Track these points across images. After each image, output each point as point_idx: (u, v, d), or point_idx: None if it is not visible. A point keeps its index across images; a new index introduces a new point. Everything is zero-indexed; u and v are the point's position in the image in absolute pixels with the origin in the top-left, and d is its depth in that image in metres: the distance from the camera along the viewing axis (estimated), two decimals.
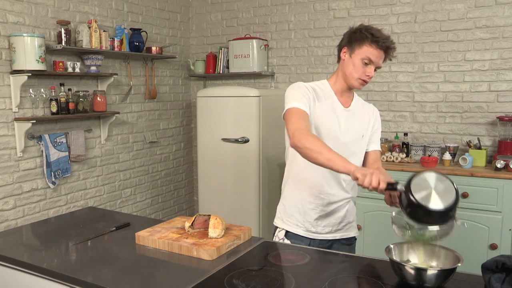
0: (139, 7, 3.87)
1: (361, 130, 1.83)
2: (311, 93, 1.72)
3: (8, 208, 2.91)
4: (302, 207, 1.79)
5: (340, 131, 1.75)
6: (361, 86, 1.74)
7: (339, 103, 1.78)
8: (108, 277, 1.42)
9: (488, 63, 3.19)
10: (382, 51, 1.67)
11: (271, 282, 1.35)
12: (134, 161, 3.90)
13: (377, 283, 1.33)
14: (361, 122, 1.84)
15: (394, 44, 1.70)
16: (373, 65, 1.69)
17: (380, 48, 1.66)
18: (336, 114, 1.76)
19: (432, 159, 3.04)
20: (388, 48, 1.67)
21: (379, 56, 1.68)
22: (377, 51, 1.66)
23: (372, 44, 1.66)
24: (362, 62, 1.68)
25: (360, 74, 1.70)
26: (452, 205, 1.23)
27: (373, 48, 1.66)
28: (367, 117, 1.88)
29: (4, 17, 2.82)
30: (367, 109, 1.91)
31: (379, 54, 1.67)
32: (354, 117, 1.81)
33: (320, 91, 1.77)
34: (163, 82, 4.21)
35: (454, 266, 1.25)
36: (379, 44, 1.65)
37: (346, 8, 3.66)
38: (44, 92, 2.97)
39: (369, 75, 1.70)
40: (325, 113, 1.73)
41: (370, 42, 1.66)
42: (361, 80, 1.71)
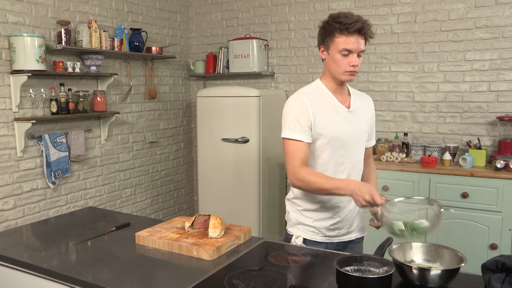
0: (139, 7, 3.86)
1: (364, 127, 1.79)
2: (310, 109, 1.64)
3: (8, 208, 2.91)
4: (318, 217, 1.74)
5: (348, 134, 1.70)
6: (352, 77, 1.65)
7: (340, 104, 1.71)
8: (108, 277, 1.42)
9: (488, 63, 3.19)
10: (356, 35, 1.57)
11: (271, 282, 1.35)
12: (134, 161, 3.90)
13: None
14: (364, 119, 1.79)
15: (367, 23, 1.60)
16: (353, 53, 1.59)
17: (352, 34, 1.57)
18: (340, 117, 1.70)
19: (432, 159, 3.04)
20: (360, 30, 1.57)
21: (356, 42, 1.58)
22: (351, 37, 1.57)
23: (342, 33, 1.58)
24: (341, 54, 1.60)
25: (344, 67, 1.62)
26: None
27: (345, 36, 1.57)
28: (367, 112, 1.83)
29: (4, 17, 2.82)
30: (366, 103, 1.84)
31: (355, 40, 1.58)
32: (358, 117, 1.75)
33: (318, 94, 1.71)
34: (163, 82, 4.21)
35: (458, 266, 1.25)
36: (349, 31, 1.56)
37: (346, 8, 3.65)
38: (44, 92, 2.97)
39: (353, 65, 1.60)
40: (330, 120, 1.67)
41: (340, 32, 1.58)
42: (348, 73, 1.63)
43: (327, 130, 1.66)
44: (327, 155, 1.68)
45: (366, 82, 3.64)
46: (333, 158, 1.68)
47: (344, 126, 1.69)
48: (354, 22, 1.56)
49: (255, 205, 3.63)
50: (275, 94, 3.89)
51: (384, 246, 1.44)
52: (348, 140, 1.70)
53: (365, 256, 1.35)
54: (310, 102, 1.66)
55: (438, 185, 2.96)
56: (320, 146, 1.67)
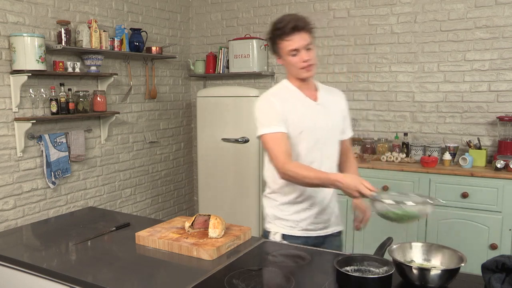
0: (139, 7, 3.86)
1: (336, 118, 1.82)
2: (278, 105, 1.69)
3: (8, 208, 2.91)
4: (294, 210, 1.78)
5: (320, 126, 1.73)
6: (310, 72, 1.70)
7: (307, 98, 1.75)
8: (108, 277, 1.42)
9: (488, 63, 3.19)
10: (295, 33, 1.62)
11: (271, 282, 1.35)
12: (134, 161, 3.90)
13: None
14: (335, 110, 1.83)
15: (301, 18, 1.65)
16: (301, 50, 1.64)
17: (291, 34, 1.62)
18: (310, 110, 1.74)
19: (432, 159, 3.04)
20: (296, 27, 1.62)
21: (298, 39, 1.63)
22: (291, 38, 1.63)
23: (282, 37, 1.64)
24: (291, 55, 1.66)
25: (298, 65, 1.67)
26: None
27: (286, 39, 1.63)
28: (338, 103, 1.86)
29: (4, 17, 2.82)
30: (336, 97, 1.88)
31: (296, 38, 1.63)
32: (327, 108, 1.78)
33: (284, 92, 1.75)
34: (163, 82, 4.21)
35: (458, 266, 1.25)
36: (287, 33, 1.62)
37: (346, 8, 3.66)
38: (44, 92, 2.97)
39: (306, 60, 1.66)
40: (300, 114, 1.71)
41: (280, 37, 1.64)
42: (303, 69, 1.68)
43: (297, 122, 1.69)
44: (300, 148, 1.72)
45: (366, 82, 3.64)
46: (305, 150, 1.72)
47: (313, 118, 1.73)
48: (287, 23, 1.62)
49: (255, 205, 3.63)
50: None
51: (384, 246, 1.44)
52: (319, 132, 1.73)
53: (365, 256, 1.35)
54: (278, 100, 1.71)
55: (438, 185, 2.96)
56: (292, 139, 1.70)
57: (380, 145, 3.49)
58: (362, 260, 1.33)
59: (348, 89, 3.73)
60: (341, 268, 1.27)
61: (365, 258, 1.34)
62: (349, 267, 1.31)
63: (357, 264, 1.33)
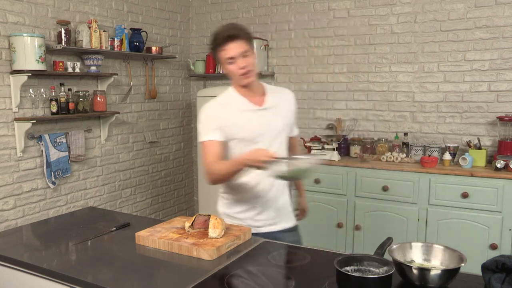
0: (139, 7, 3.86)
1: (282, 120, 1.87)
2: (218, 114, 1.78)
3: (8, 208, 2.91)
4: (241, 208, 1.86)
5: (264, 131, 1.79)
6: (248, 79, 1.77)
7: (251, 104, 1.81)
8: (108, 277, 1.42)
9: (488, 63, 3.19)
10: (229, 42, 1.70)
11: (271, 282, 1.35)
12: (134, 161, 3.90)
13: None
14: (283, 112, 1.88)
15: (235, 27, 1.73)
16: (238, 57, 1.72)
17: (225, 43, 1.70)
18: (253, 117, 1.79)
19: (432, 159, 3.04)
20: (229, 37, 1.69)
21: (233, 48, 1.70)
22: (226, 46, 1.70)
23: (219, 48, 1.72)
24: (229, 64, 1.74)
25: (236, 72, 1.75)
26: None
27: (222, 49, 1.72)
28: (287, 105, 1.92)
29: (4, 17, 2.82)
30: (283, 98, 1.93)
31: (231, 47, 1.70)
32: (272, 112, 1.83)
33: (229, 100, 1.83)
34: (163, 82, 4.21)
35: (458, 266, 1.25)
36: (222, 42, 1.70)
37: (346, 8, 3.66)
38: (44, 92, 2.97)
39: (242, 67, 1.73)
40: (241, 118, 1.78)
41: (217, 47, 1.73)
42: (242, 76, 1.75)
43: (238, 130, 1.77)
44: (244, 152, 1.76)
45: (366, 82, 3.64)
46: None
47: (255, 124, 1.79)
48: (221, 33, 1.72)
49: None
50: None
51: (384, 246, 1.44)
52: (264, 136, 1.79)
53: (365, 256, 1.35)
54: (219, 109, 1.81)
55: (438, 185, 2.96)
56: (235, 146, 1.79)
57: (380, 145, 3.49)
58: (362, 260, 1.33)
59: (348, 89, 3.73)
60: (341, 268, 1.27)
61: (365, 258, 1.34)
62: (349, 267, 1.31)
63: (357, 264, 1.33)
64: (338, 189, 3.31)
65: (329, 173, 3.34)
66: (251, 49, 1.76)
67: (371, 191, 3.19)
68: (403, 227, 3.09)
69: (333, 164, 3.33)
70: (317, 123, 3.89)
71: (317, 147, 3.47)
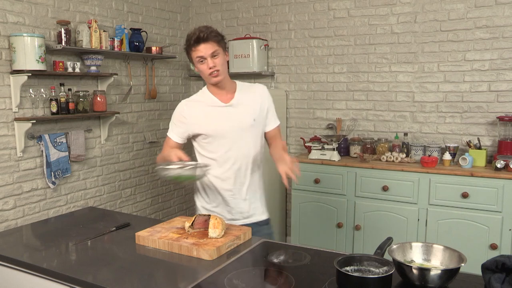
0: (139, 7, 3.86)
1: (251, 116, 1.95)
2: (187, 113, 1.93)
3: (8, 208, 2.91)
4: (215, 201, 2.00)
5: (230, 127, 1.91)
6: (216, 78, 1.87)
7: (219, 102, 1.93)
8: (108, 277, 1.42)
9: (488, 63, 3.19)
10: (200, 44, 1.82)
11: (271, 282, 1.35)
12: (134, 161, 3.90)
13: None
14: (249, 109, 1.96)
15: (210, 33, 1.82)
16: (207, 58, 1.83)
17: (196, 45, 1.82)
18: (217, 112, 1.92)
19: (432, 159, 3.04)
20: (200, 38, 1.81)
21: (202, 48, 1.82)
22: (197, 48, 1.82)
23: (191, 48, 1.85)
24: (199, 63, 1.86)
25: (205, 71, 1.86)
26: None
27: (193, 50, 1.84)
28: (256, 101, 1.99)
29: (4, 17, 2.82)
30: (254, 93, 2.01)
31: (201, 47, 1.82)
32: (239, 109, 1.94)
33: (200, 98, 1.97)
34: (163, 82, 4.21)
35: (458, 266, 1.25)
36: (193, 44, 1.83)
37: (346, 8, 3.66)
38: (44, 92, 2.97)
39: (211, 67, 1.84)
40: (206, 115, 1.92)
41: (190, 47, 1.85)
42: (210, 76, 1.86)
43: (207, 126, 1.91)
44: (213, 147, 1.93)
45: (366, 82, 3.64)
46: (219, 150, 1.92)
47: (221, 120, 1.91)
48: (192, 35, 1.83)
49: None
50: (275, 94, 3.88)
51: (384, 246, 1.44)
52: (231, 132, 1.91)
53: (365, 256, 1.35)
54: (189, 106, 1.96)
55: (438, 185, 2.96)
56: (204, 141, 1.94)
57: (380, 145, 3.49)
58: (362, 260, 1.33)
59: (348, 89, 3.73)
60: (341, 268, 1.27)
61: (365, 258, 1.34)
62: (349, 267, 1.31)
63: (357, 264, 1.33)
64: (338, 189, 3.31)
65: (329, 173, 3.34)
66: (221, 50, 1.87)
67: (371, 191, 3.19)
68: (403, 227, 3.09)
69: (333, 164, 3.33)
70: (317, 123, 3.89)
71: (317, 147, 3.47)
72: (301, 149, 3.92)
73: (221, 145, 1.91)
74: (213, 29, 1.86)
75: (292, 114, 3.98)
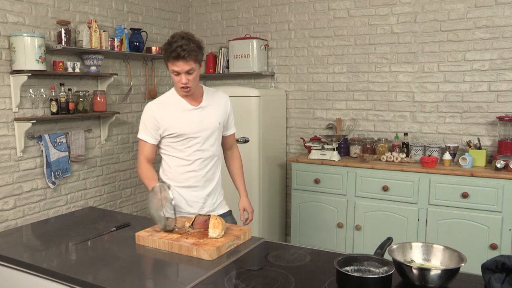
0: (139, 7, 3.86)
1: (217, 119, 2.06)
2: (157, 114, 1.94)
3: (8, 208, 2.91)
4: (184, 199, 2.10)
5: (198, 129, 1.98)
6: (187, 93, 1.93)
7: (188, 104, 1.98)
8: (108, 277, 1.42)
9: (488, 63, 3.19)
10: (179, 61, 1.80)
11: (271, 282, 1.35)
12: (134, 161, 3.90)
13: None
14: (217, 112, 2.06)
15: (189, 51, 1.79)
16: (182, 73, 1.84)
17: (175, 60, 1.81)
18: (187, 115, 1.97)
19: (432, 159, 3.04)
20: (178, 56, 1.79)
21: (179, 65, 1.82)
22: (174, 63, 1.82)
23: (168, 59, 1.83)
24: (173, 74, 1.87)
25: (177, 84, 1.89)
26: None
27: (170, 62, 1.83)
28: (222, 106, 2.10)
29: (4, 17, 2.82)
30: (218, 99, 2.10)
31: (179, 65, 1.81)
32: (207, 111, 2.02)
33: (169, 99, 2.00)
34: (163, 82, 4.21)
35: (458, 266, 1.25)
36: (171, 57, 1.80)
37: (346, 8, 3.66)
38: (44, 92, 2.97)
39: (182, 85, 1.87)
40: (177, 117, 1.96)
41: (167, 58, 1.84)
42: (182, 89, 1.91)
43: (175, 127, 1.95)
44: (182, 147, 1.99)
45: (366, 82, 3.64)
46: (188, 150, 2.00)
47: (191, 121, 1.97)
48: (172, 51, 1.80)
49: (255, 205, 3.62)
50: (275, 94, 3.89)
51: (384, 246, 1.44)
52: (197, 132, 1.98)
53: (365, 256, 1.35)
54: (159, 109, 1.97)
55: (438, 185, 2.96)
56: (173, 140, 1.99)
57: (380, 145, 3.49)
58: (362, 260, 1.34)
59: (348, 89, 3.73)
60: (341, 268, 1.27)
61: (365, 258, 1.34)
62: (349, 267, 1.32)
63: (357, 264, 1.33)
64: (338, 189, 3.31)
65: (329, 173, 3.34)
66: (197, 65, 1.88)
67: (371, 191, 3.19)
68: (403, 227, 3.09)
69: (333, 164, 3.33)
70: (317, 123, 3.89)
71: (317, 147, 3.47)
72: (301, 149, 3.92)
73: (190, 145, 1.99)
74: (194, 44, 1.84)
75: (292, 114, 3.98)
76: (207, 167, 2.05)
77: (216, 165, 2.11)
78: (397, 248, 1.39)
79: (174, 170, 2.06)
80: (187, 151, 2.01)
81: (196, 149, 2.00)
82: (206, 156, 2.03)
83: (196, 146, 2.00)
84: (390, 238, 1.49)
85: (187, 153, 2.01)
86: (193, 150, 2.00)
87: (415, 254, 1.40)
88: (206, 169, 2.04)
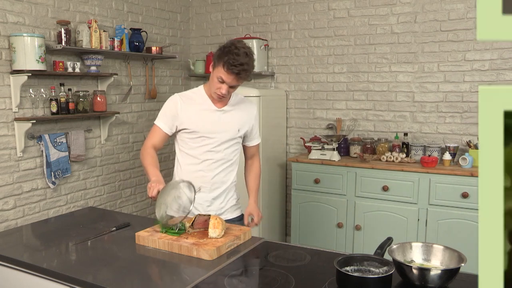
0: (139, 7, 3.86)
1: (237, 125, 2.02)
2: (179, 106, 1.95)
3: (8, 208, 2.91)
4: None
5: (210, 128, 1.96)
6: (219, 102, 1.95)
7: (212, 104, 1.98)
8: (108, 277, 1.42)
9: (488, 63, 3.19)
10: (232, 74, 1.80)
11: (271, 282, 1.35)
12: (134, 161, 3.90)
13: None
14: (239, 118, 2.03)
15: (246, 72, 1.82)
16: (225, 84, 1.84)
17: (230, 73, 1.80)
18: (208, 113, 1.97)
19: (432, 159, 3.04)
20: (237, 74, 1.80)
21: (231, 79, 1.82)
22: (226, 73, 1.80)
23: (224, 67, 1.80)
24: (217, 79, 1.84)
25: (215, 89, 1.87)
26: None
27: (224, 70, 1.80)
28: (246, 114, 2.07)
29: (4, 17, 2.82)
30: (246, 107, 2.09)
31: (231, 77, 1.81)
32: (229, 115, 2.00)
33: (195, 96, 2.00)
34: (163, 82, 4.21)
35: (458, 266, 1.25)
36: (229, 69, 1.79)
37: (346, 8, 3.66)
38: (44, 92, 2.97)
39: (220, 93, 1.86)
40: (197, 114, 1.96)
41: (223, 64, 1.80)
42: (216, 95, 1.89)
43: (191, 123, 1.95)
44: (196, 145, 1.98)
45: (366, 82, 3.64)
46: (201, 149, 1.98)
47: (210, 121, 1.96)
48: (237, 65, 1.78)
49: None
50: (275, 94, 3.89)
51: (384, 246, 1.44)
52: (213, 133, 1.96)
53: (365, 256, 1.35)
54: (183, 101, 1.97)
55: (438, 185, 2.96)
56: (189, 136, 1.98)
57: (380, 145, 3.49)
58: (362, 260, 1.34)
59: (348, 89, 3.73)
60: (341, 268, 1.27)
61: (365, 258, 1.34)
62: (349, 267, 1.32)
63: (357, 264, 1.33)
64: (338, 189, 3.31)
65: (329, 173, 3.34)
66: (240, 83, 1.89)
67: (371, 191, 3.19)
68: (403, 227, 3.10)
69: (333, 164, 3.33)
70: (317, 123, 3.89)
71: (317, 147, 3.47)
72: (301, 149, 3.93)
73: (203, 145, 1.97)
74: (251, 66, 1.87)
75: (292, 114, 3.98)
76: (217, 169, 2.00)
77: (229, 170, 2.05)
78: (397, 248, 1.39)
79: (184, 169, 2.05)
80: (199, 150, 1.99)
81: (208, 149, 1.98)
82: (217, 159, 2.00)
83: (209, 146, 1.98)
84: (390, 238, 1.50)
85: (198, 152, 1.99)
86: (204, 150, 1.98)
87: (415, 254, 1.40)
88: (216, 171, 2.00)
